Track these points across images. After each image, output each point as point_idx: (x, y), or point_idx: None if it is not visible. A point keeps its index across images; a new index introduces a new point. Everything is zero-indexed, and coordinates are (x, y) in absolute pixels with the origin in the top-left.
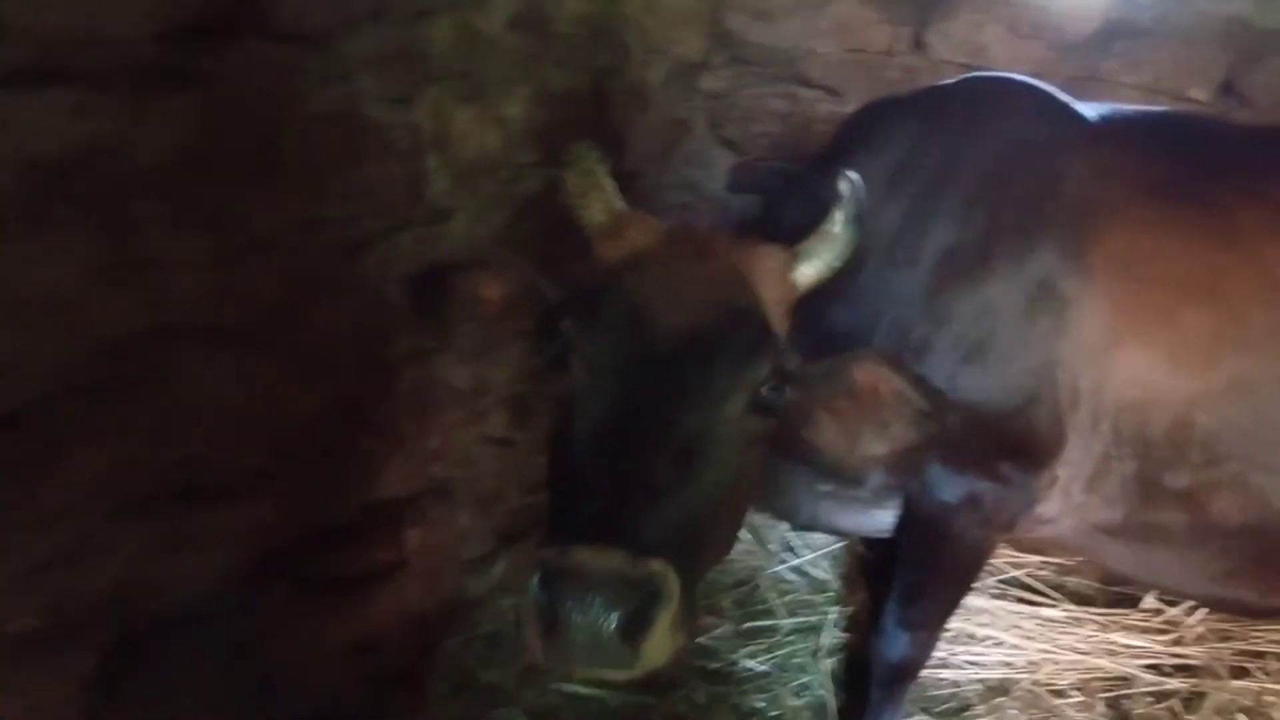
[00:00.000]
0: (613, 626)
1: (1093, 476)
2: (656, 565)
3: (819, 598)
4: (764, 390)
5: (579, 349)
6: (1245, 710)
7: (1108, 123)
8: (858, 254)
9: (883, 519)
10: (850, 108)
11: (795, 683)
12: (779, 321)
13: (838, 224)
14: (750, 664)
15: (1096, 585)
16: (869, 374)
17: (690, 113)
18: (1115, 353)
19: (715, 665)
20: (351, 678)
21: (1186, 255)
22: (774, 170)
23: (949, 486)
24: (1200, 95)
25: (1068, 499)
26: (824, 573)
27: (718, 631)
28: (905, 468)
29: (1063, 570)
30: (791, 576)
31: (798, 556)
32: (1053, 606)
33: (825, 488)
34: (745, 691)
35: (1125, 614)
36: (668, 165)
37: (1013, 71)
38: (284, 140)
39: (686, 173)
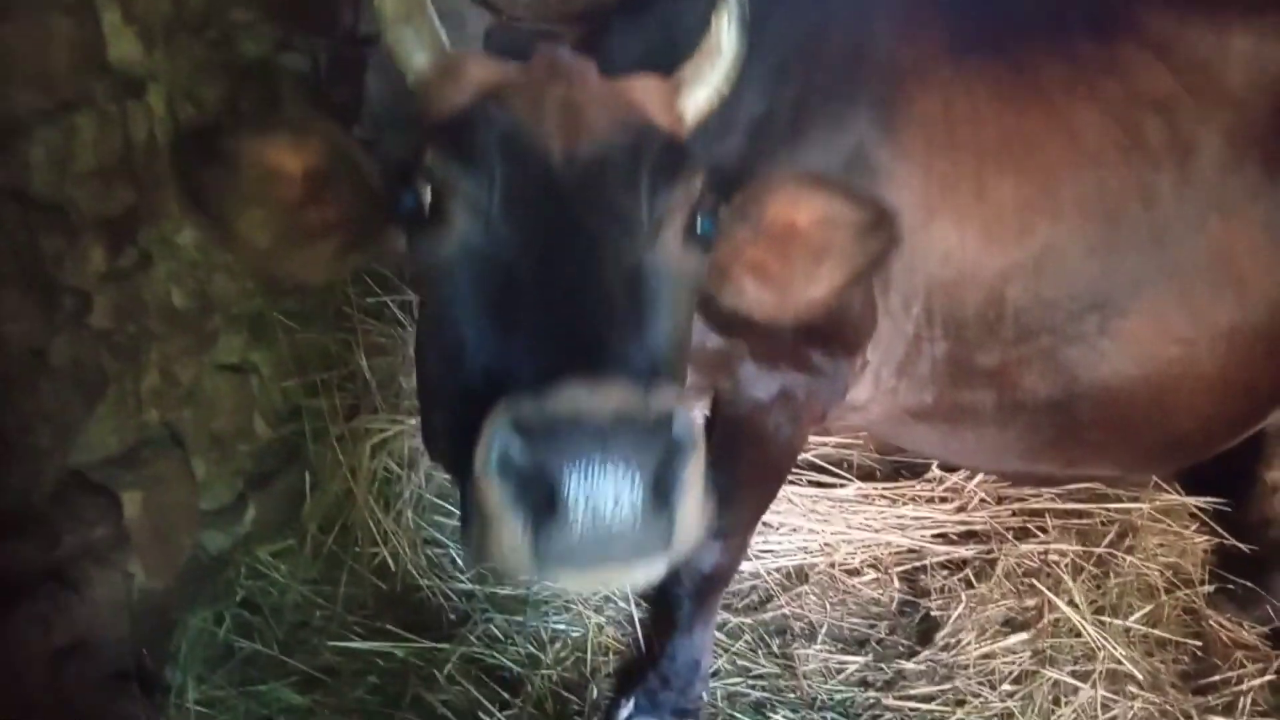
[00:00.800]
0: (641, 494)
1: (904, 360)
2: (668, 395)
3: None
4: (699, 215)
5: (459, 191)
6: (1032, 572)
7: None
8: None
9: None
10: None
11: (596, 597)
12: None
13: (724, 36)
14: (546, 584)
15: (877, 457)
16: (784, 206)
17: None
18: (929, 229)
19: (507, 591)
20: (61, 693)
21: (997, 119)
22: (535, 33)
23: (761, 383)
24: None
25: (878, 384)
26: None
27: None
28: (715, 366)
29: (842, 446)
30: None
31: None
32: (843, 486)
33: None
34: (544, 614)
35: (911, 485)
36: None
37: None
38: None
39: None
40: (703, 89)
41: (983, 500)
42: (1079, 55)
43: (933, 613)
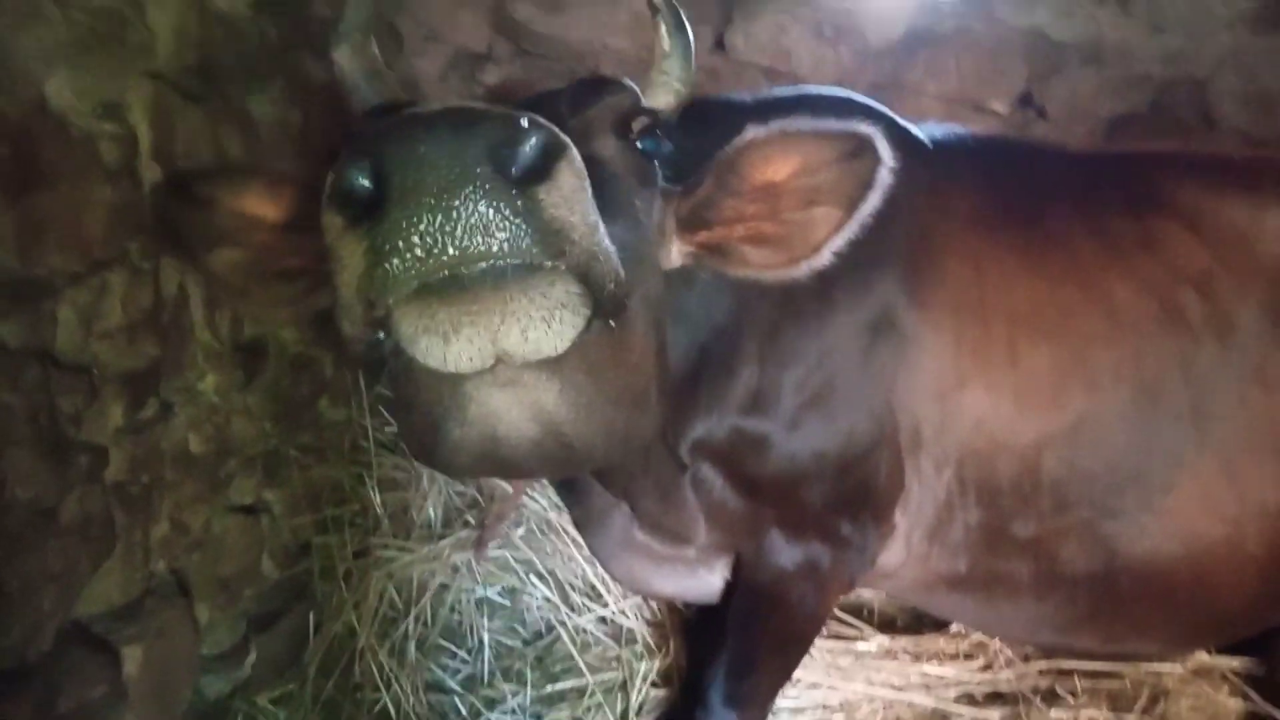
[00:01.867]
0: (482, 155)
1: (935, 525)
2: (535, 117)
3: (627, 651)
4: (635, 126)
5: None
6: None
7: (944, 147)
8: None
9: (710, 583)
10: None
11: None
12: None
13: (666, 39)
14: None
15: (898, 604)
16: (758, 166)
17: None
18: (959, 394)
19: None
20: None
21: (1030, 290)
22: None
23: (786, 552)
24: (999, 107)
25: (909, 549)
26: (632, 621)
27: (514, 700)
28: (739, 529)
29: (864, 587)
30: (596, 629)
31: (603, 605)
32: (865, 639)
33: (642, 537)
34: None
35: (933, 639)
36: None
37: (815, 76)
38: None
39: None
40: (660, 90)
41: (1008, 660)
42: (1112, 228)
43: None
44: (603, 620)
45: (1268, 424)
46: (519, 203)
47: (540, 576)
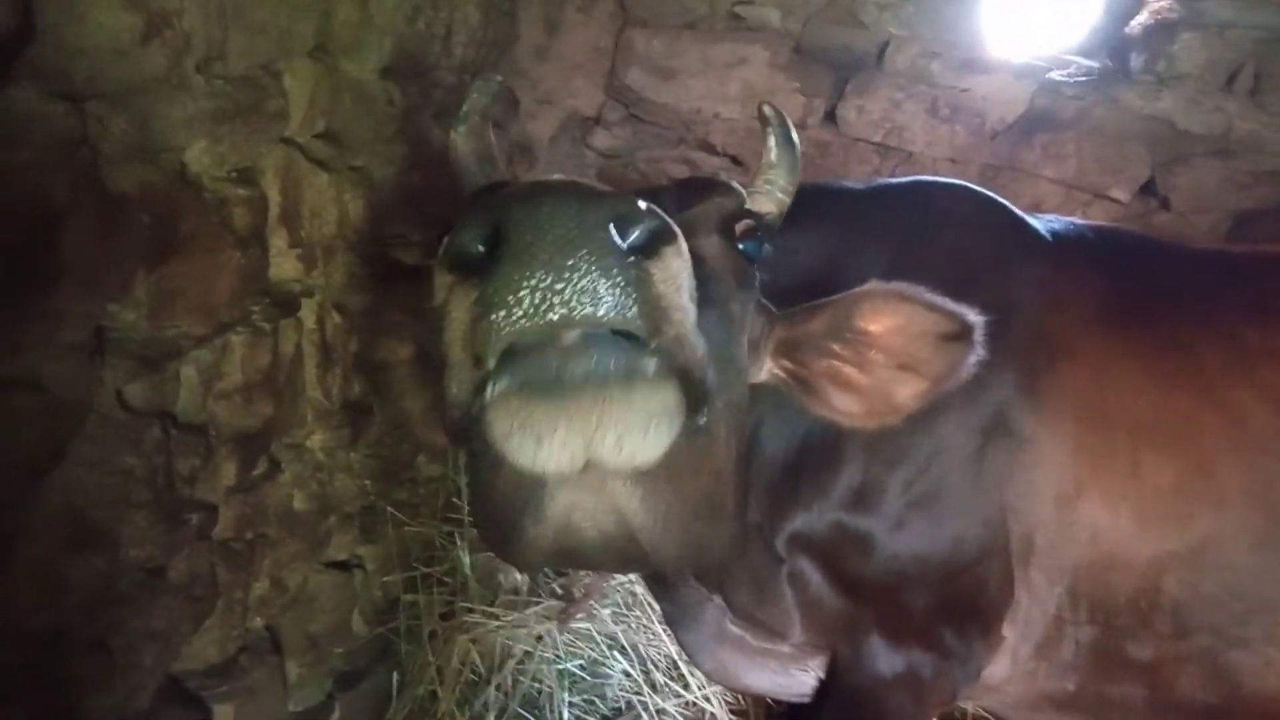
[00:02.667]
0: (601, 222)
1: (1044, 641)
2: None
3: None
4: (738, 228)
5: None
6: None
7: (1062, 241)
8: None
9: (803, 681)
10: None
11: None
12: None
13: (774, 150)
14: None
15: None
16: (876, 312)
17: (581, 171)
18: (1075, 504)
19: None
20: None
21: (1153, 397)
22: None
23: (886, 658)
24: (1121, 195)
25: (1015, 663)
26: (715, 707)
27: None
28: (837, 629)
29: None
30: (676, 710)
31: (684, 687)
32: None
33: (735, 630)
34: None
35: None
36: None
37: (928, 154)
38: (65, 230)
39: None
40: (762, 199)
41: None
42: (1239, 336)
43: None
44: (685, 704)
45: None
46: (631, 271)
47: (623, 651)
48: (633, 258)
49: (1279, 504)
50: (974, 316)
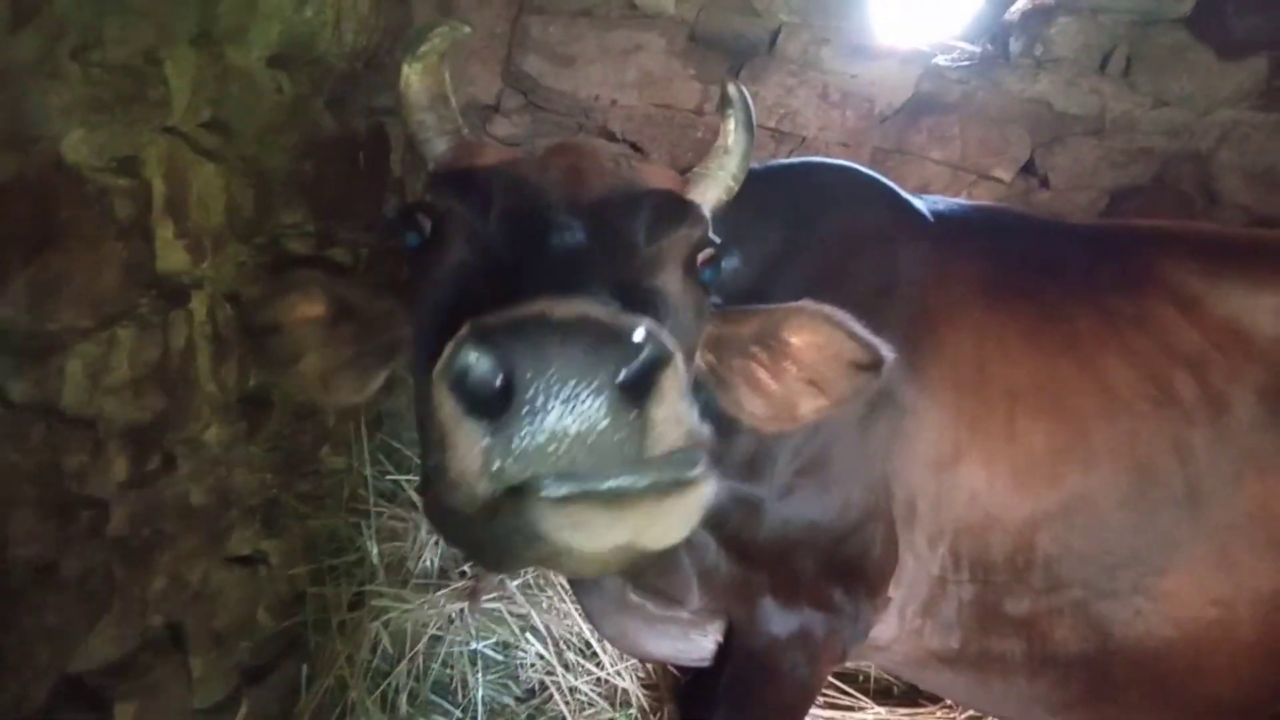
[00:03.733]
0: (608, 381)
1: (928, 600)
2: (647, 321)
3: (620, 714)
4: (700, 257)
5: (456, 218)
6: None
7: (945, 220)
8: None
9: (703, 646)
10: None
11: None
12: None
13: (731, 134)
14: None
15: (894, 675)
16: (803, 328)
17: None
18: (956, 469)
19: None
20: None
21: (1029, 364)
22: None
23: (780, 619)
24: (1003, 174)
25: (902, 623)
26: (627, 682)
27: None
28: (732, 594)
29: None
30: (590, 690)
31: (597, 665)
32: (861, 710)
33: (636, 598)
34: None
35: (931, 712)
36: None
37: (820, 139)
38: None
39: None
40: (713, 184)
41: None
42: (1109, 307)
43: None
44: (597, 681)
45: (1262, 509)
46: (635, 425)
47: (535, 632)
48: (635, 412)
49: (1145, 463)
50: (886, 352)
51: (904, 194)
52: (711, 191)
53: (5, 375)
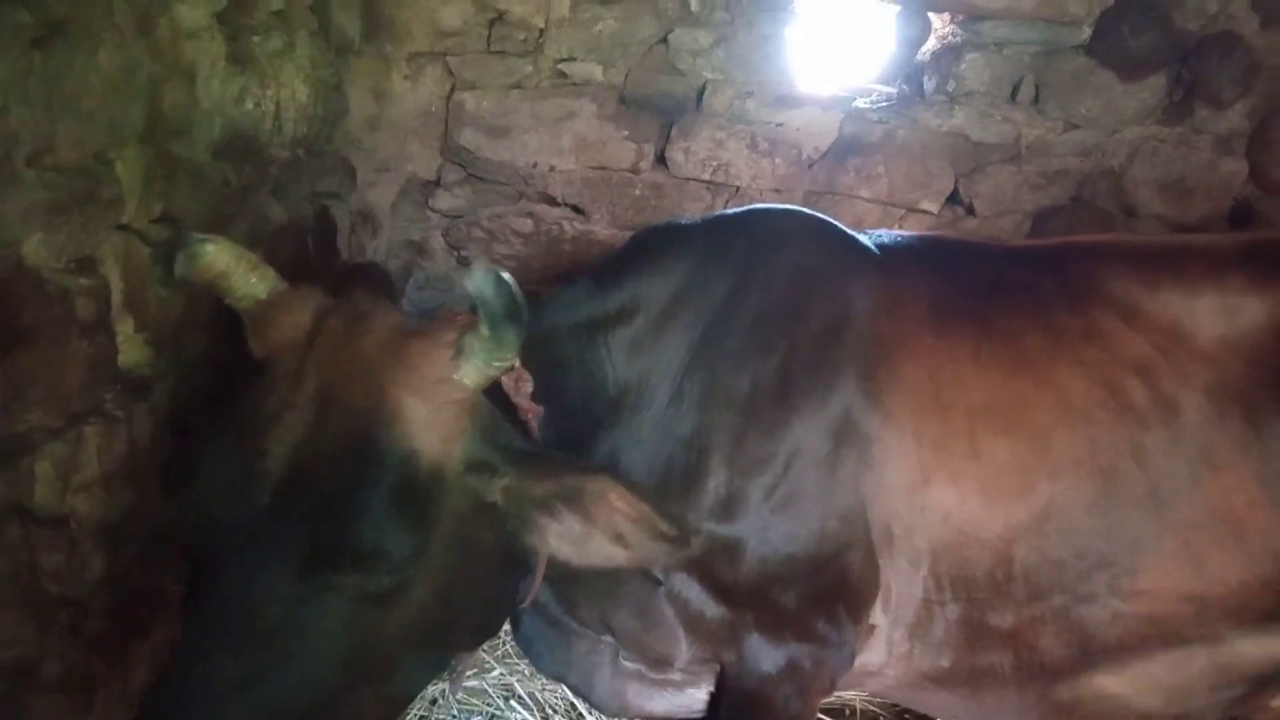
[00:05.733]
0: None
1: (915, 623)
2: None
3: None
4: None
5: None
6: None
7: (889, 251)
8: (637, 387)
9: (697, 698)
10: (598, 226)
11: None
12: (445, 424)
13: (485, 328)
14: None
15: (879, 703)
16: (600, 491)
17: (426, 233)
18: (926, 491)
19: None
20: None
21: (983, 384)
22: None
23: (767, 657)
24: (930, 206)
25: (890, 648)
26: None
27: None
28: (720, 637)
29: (845, 688)
30: None
31: None
32: None
33: (631, 665)
34: None
35: None
36: (404, 291)
37: (754, 187)
38: None
39: (425, 297)
40: (475, 364)
41: None
42: (1056, 322)
43: None
44: None
45: (1221, 503)
46: None
47: (520, 700)
48: None
49: (1106, 468)
50: (686, 529)
51: (848, 230)
52: (475, 371)
53: None
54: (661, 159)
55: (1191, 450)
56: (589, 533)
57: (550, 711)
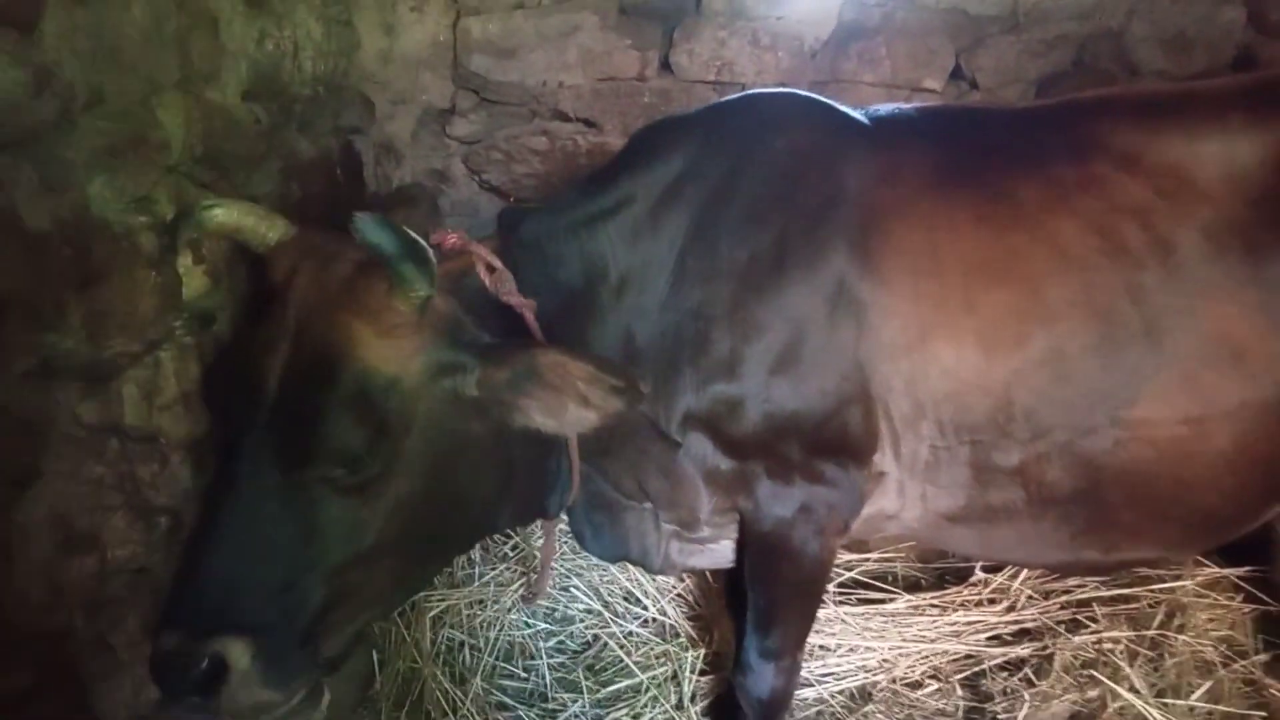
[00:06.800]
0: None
1: (927, 468)
2: (216, 644)
3: (673, 645)
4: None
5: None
6: (1090, 663)
7: (884, 125)
8: (640, 271)
9: (729, 549)
10: (611, 137)
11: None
12: (396, 343)
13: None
14: None
15: (921, 566)
16: (553, 362)
17: (447, 161)
18: (924, 348)
19: None
20: None
21: (978, 241)
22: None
23: (779, 500)
24: (934, 84)
25: (906, 493)
26: (673, 618)
27: (574, 707)
28: (733, 487)
29: (884, 560)
30: (640, 630)
31: (644, 608)
32: (892, 599)
33: (669, 526)
34: None
35: (958, 591)
36: (431, 219)
37: (759, 83)
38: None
39: (451, 224)
40: (403, 295)
41: (1030, 597)
42: (1054, 176)
43: (999, 717)
44: (645, 622)
45: (1216, 331)
46: (210, 702)
47: (580, 592)
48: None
49: (1102, 309)
50: (633, 378)
51: (842, 108)
52: (406, 301)
53: (77, 400)
54: (666, 64)
55: (1188, 285)
56: (560, 401)
57: (609, 599)
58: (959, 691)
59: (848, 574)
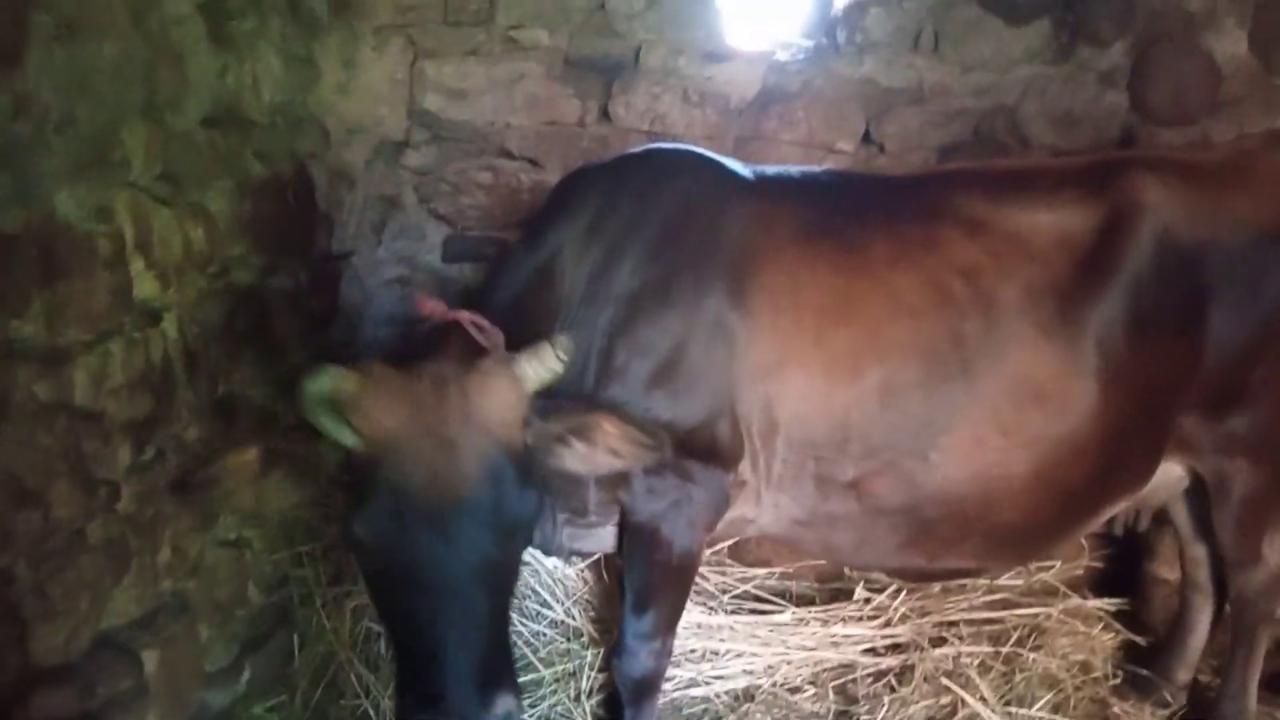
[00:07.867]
0: None
1: (778, 479)
2: (499, 707)
3: (575, 644)
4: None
5: (370, 549)
6: (948, 674)
7: (766, 182)
8: (571, 299)
9: (611, 534)
10: (551, 175)
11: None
12: (521, 426)
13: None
14: None
15: (815, 585)
16: (605, 428)
17: (398, 189)
18: (781, 374)
19: None
20: None
21: (832, 286)
22: (485, 239)
23: (655, 495)
24: (846, 146)
25: (761, 500)
26: (578, 620)
27: None
28: (615, 482)
29: (784, 577)
30: (548, 631)
31: (552, 609)
32: (781, 611)
33: (563, 515)
34: None
35: (842, 607)
36: (380, 241)
37: (688, 135)
38: None
39: (400, 247)
40: (534, 381)
41: (904, 615)
42: (903, 235)
43: (862, 718)
44: (553, 624)
45: (1021, 373)
46: None
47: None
48: None
49: (927, 351)
50: (662, 438)
51: (730, 164)
52: (537, 381)
53: (33, 379)
54: (605, 113)
55: (1003, 334)
56: (592, 452)
57: (518, 598)
58: (831, 696)
59: (744, 587)
